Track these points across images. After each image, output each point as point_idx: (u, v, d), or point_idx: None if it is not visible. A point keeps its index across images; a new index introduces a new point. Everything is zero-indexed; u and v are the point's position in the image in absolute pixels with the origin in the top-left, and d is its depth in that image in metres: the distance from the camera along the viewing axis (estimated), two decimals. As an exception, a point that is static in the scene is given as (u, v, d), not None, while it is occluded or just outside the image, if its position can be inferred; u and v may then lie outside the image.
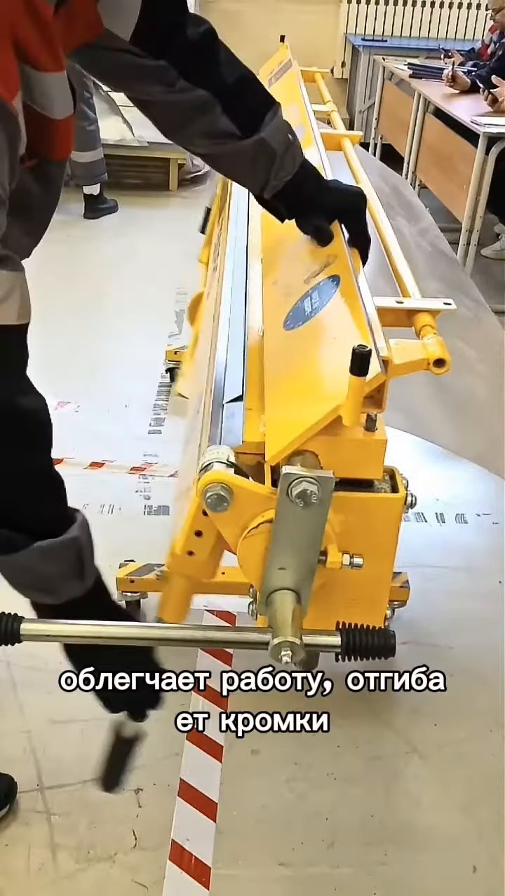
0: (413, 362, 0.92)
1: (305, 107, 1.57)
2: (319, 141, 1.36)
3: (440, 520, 2.79)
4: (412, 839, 1.82)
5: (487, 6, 5.92)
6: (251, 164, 1.25)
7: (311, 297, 1.00)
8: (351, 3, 6.84)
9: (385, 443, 0.89)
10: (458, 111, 4.48)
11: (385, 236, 1.29)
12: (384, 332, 0.95)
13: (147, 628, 1.08)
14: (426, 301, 1.08)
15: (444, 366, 0.92)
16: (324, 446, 0.88)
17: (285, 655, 0.90)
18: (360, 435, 0.89)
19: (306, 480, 0.85)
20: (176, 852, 1.75)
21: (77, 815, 1.80)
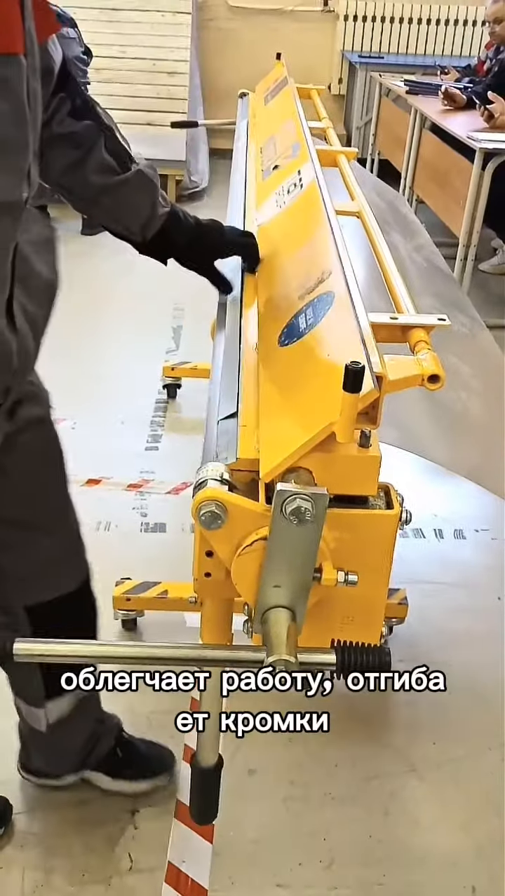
0: (407, 378, 0.92)
1: (301, 123, 1.57)
2: (314, 157, 1.36)
3: (438, 536, 2.78)
4: (411, 859, 1.80)
5: (482, 22, 5.95)
6: (136, 196, 1.33)
7: (305, 313, 1.00)
8: (347, 20, 6.87)
9: (379, 459, 0.89)
10: (454, 127, 4.50)
11: (380, 252, 1.29)
12: (378, 347, 0.95)
13: (139, 647, 1.06)
14: (420, 317, 1.08)
15: (438, 382, 0.92)
16: (318, 463, 0.87)
17: (280, 673, 0.88)
18: (354, 451, 0.88)
19: (300, 497, 0.84)
20: (172, 874, 1.73)
21: (72, 837, 1.78)
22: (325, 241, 1.13)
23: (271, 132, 1.71)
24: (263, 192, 1.42)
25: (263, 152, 1.63)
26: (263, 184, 1.46)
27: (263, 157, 1.61)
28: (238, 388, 1.07)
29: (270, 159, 1.53)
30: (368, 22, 6.90)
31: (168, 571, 2.22)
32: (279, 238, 1.25)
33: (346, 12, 6.85)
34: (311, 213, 1.21)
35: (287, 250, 1.21)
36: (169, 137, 5.22)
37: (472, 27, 6.95)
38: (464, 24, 6.96)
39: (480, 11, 6.57)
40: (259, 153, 1.65)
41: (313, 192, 1.23)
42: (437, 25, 6.96)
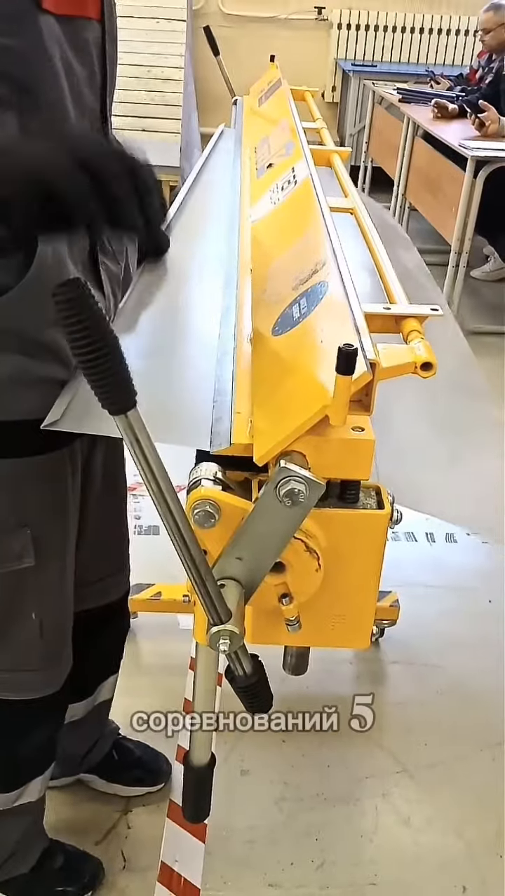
0: (400, 366, 0.92)
1: (295, 123, 1.58)
2: (308, 155, 1.37)
3: (430, 539, 2.79)
4: (402, 859, 1.81)
5: (474, 32, 5.99)
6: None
7: (299, 303, 1.00)
8: (341, 28, 6.90)
9: (373, 443, 0.89)
10: (446, 135, 4.53)
11: (372, 243, 1.30)
12: (372, 336, 0.96)
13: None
14: (414, 307, 1.08)
15: (431, 369, 0.92)
16: (311, 446, 0.88)
17: (223, 644, 0.89)
18: (348, 435, 0.89)
19: (296, 479, 0.85)
20: (165, 874, 1.74)
21: (66, 836, 1.78)
22: (319, 234, 1.14)
23: (265, 132, 1.72)
24: (258, 189, 1.42)
25: (257, 151, 1.64)
26: (257, 182, 1.47)
27: (256, 156, 1.62)
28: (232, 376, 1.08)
29: (264, 158, 1.54)
30: (361, 31, 6.93)
31: (161, 573, 2.22)
32: (274, 233, 1.25)
33: (339, 21, 6.88)
34: (305, 208, 1.22)
35: (281, 244, 1.21)
36: (163, 143, 5.23)
37: (464, 36, 6.99)
38: (456, 34, 6.99)
39: (472, 21, 6.63)
40: (253, 152, 1.67)
41: (307, 189, 1.24)
42: (430, 34, 6.99)
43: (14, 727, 1.41)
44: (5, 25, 0.92)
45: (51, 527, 1.24)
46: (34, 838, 1.62)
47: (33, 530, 1.20)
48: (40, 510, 1.21)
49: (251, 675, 0.94)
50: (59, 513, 1.25)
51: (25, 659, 1.32)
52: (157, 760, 1.90)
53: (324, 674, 2.21)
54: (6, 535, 1.19)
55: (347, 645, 1.26)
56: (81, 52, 1.02)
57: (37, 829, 1.62)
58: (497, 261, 5.11)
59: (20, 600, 1.26)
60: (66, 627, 1.37)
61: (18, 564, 1.21)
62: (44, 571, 1.25)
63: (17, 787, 1.47)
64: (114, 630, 1.68)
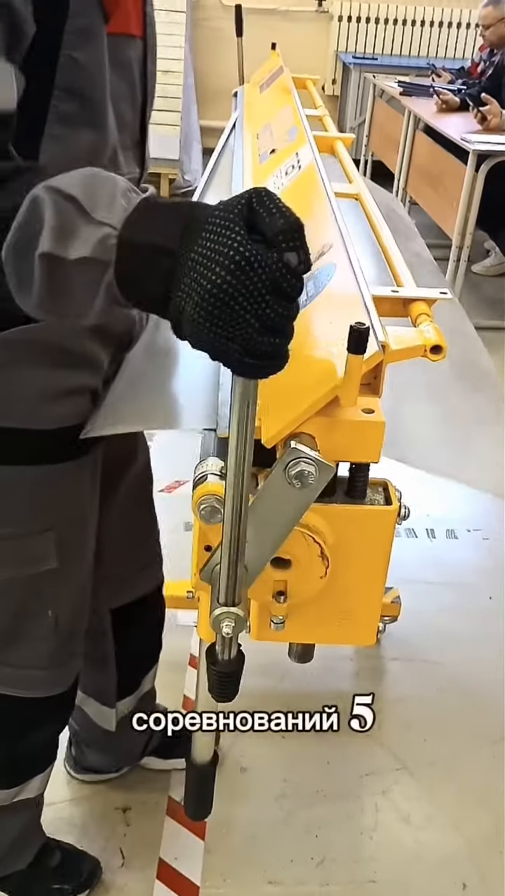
0: (410, 348, 0.91)
1: (298, 109, 1.56)
2: (311, 140, 1.35)
3: (431, 535, 2.78)
4: (402, 856, 1.80)
5: (476, 25, 5.97)
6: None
7: (306, 286, 0.99)
8: (342, 21, 6.87)
9: (383, 425, 0.87)
10: (448, 129, 4.50)
11: (376, 226, 1.28)
12: (381, 320, 0.94)
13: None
14: (422, 290, 1.07)
15: (440, 352, 0.91)
16: (321, 428, 0.86)
17: (227, 626, 0.88)
18: (358, 416, 0.87)
19: (306, 461, 0.83)
20: (164, 871, 1.73)
21: (64, 834, 1.77)
22: (325, 217, 1.13)
23: (267, 119, 1.70)
24: (260, 175, 1.41)
25: (260, 138, 1.62)
26: (260, 167, 1.45)
27: (259, 142, 1.60)
28: None
29: (267, 144, 1.53)
30: (362, 23, 6.90)
31: (161, 568, 2.22)
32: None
33: (340, 13, 6.84)
34: (310, 192, 1.20)
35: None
36: (162, 136, 5.21)
37: (465, 29, 6.95)
38: (458, 27, 6.96)
39: (473, 14, 6.59)
40: (255, 139, 1.65)
41: (312, 173, 1.22)
42: (431, 27, 6.96)
43: (19, 724, 1.42)
44: (79, 39, 0.94)
45: (73, 530, 1.27)
46: (31, 835, 1.62)
47: (57, 534, 1.22)
48: (64, 514, 1.24)
49: (233, 663, 0.93)
50: (81, 516, 1.28)
51: (36, 656, 1.33)
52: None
53: (324, 670, 2.20)
54: (32, 538, 1.21)
55: (353, 641, 1.25)
56: (122, 68, 1.05)
57: (34, 826, 1.61)
58: (498, 255, 5.10)
59: (39, 600, 1.28)
60: (79, 628, 1.39)
61: (42, 567, 1.23)
62: (64, 573, 1.27)
63: (17, 783, 1.47)
64: (151, 621, 1.71)
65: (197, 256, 0.68)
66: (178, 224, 0.72)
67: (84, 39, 0.94)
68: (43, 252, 0.75)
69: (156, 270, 0.72)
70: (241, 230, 0.68)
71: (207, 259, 0.68)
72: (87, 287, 0.76)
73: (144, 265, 0.73)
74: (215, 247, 0.67)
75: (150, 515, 1.60)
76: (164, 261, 0.71)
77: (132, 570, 1.58)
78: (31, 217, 0.75)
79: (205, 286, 0.67)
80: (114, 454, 1.37)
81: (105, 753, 1.85)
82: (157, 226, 0.74)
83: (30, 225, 0.75)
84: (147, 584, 1.63)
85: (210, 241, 0.68)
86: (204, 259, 0.68)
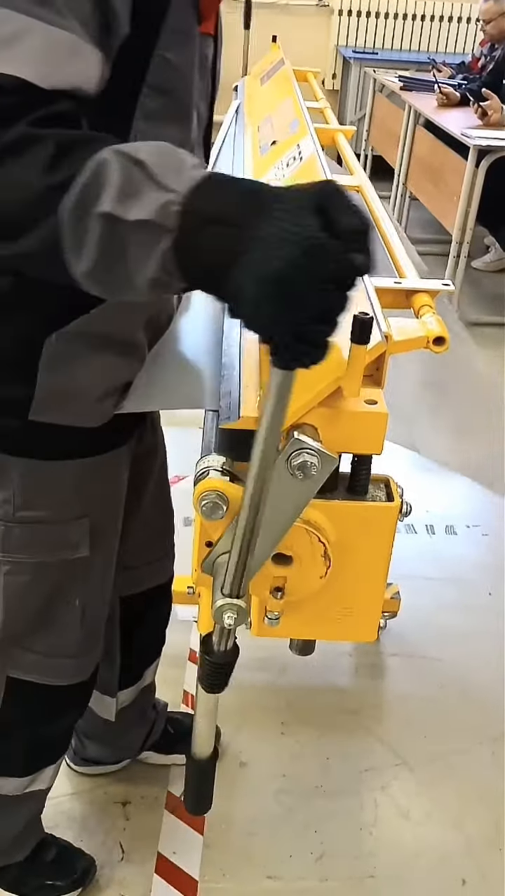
0: (413, 340, 0.90)
1: (299, 101, 1.55)
2: (313, 132, 1.35)
3: (430, 531, 2.78)
4: (402, 852, 1.80)
5: (477, 20, 5.95)
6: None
7: None
8: (342, 15, 6.85)
9: (386, 416, 0.87)
10: (448, 124, 4.50)
11: (378, 217, 1.28)
12: (383, 312, 0.94)
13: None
14: (425, 281, 1.07)
15: (443, 344, 0.91)
16: (323, 419, 0.86)
17: (229, 618, 0.87)
18: (360, 407, 0.87)
19: (308, 452, 0.83)
20: (163, 865, 1.73)
21: (64, 828, 1.77)
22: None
23: (268, 111, 1.70)
24: (261, 166, 1.40)
25: (260, 130, 1.62)
26: (260, 159, 1.45)
27: (260, 134, 1.60)
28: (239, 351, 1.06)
29: (268, 136, 1.52)
30: (362, 17, 6.88)
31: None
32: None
33: (340, 7, 6.83)
34: (312, 182, 1.20)
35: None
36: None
37: (466, 24, 6.94)
38: (459, 21, 6.95)
39: (474, 8, 6.57)
40: (256, 131, 1.64)
41: (313, 164, 1.22)
42: (431, 21, 6.94)
43: (44, 712, 1.43)
44: (174, 40, 0.96)
45: (106, 519, 1.30)
46: (33, 828, 1.63)
47: (91, 521, 1.25)
48: (99, 503, 1.27)
49: (228, 654, 0.93)
50: (115, 506, 1.32)
51: (64, 645, 1.36)
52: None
53: (323, 666, 2.20)
54: (68, 524, 1.24)
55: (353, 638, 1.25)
56: (203, 66, 1.06)
57: (36, 819, 1.62)
58: (498, 251, 5.09)
59: (68, 588, 1.31)
60: (102, 617, 1.42)
61: (75, 553, 1.26)
62: (94, 562, 1.30)
63: (33, 772, 1.49)
64: (158, 614, 1.72)
65: (267, 235, 0.67)
66: (245, 199, 0.71)
67: (179, 40, 0.97)
68: (103, 211, 0.73)
69: (218, 242, 0.70)
70: (314, 217, 0.68)
71: (279, 238, 0.67)
72: (142, 252, 0.74)
73: (206, 236, 0.71)
74: (288, 227, 0.67)
75: (169, 509, 1.62)
76: (228, 233, 0.70)
77: (147, 561, 1.59)
78: (96, 178, 0.74)
79: (273, 264, 0.66)
80: (143, 449, 1.40)
81: (105, 745, 1.86)
82: (222, 198, 0.73)
83: (94, 185, 0.74)
84: (159, 576, 1.64)
85: (284, 220, 0.67)
86: (275, 238, 0.67)
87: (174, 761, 1.90)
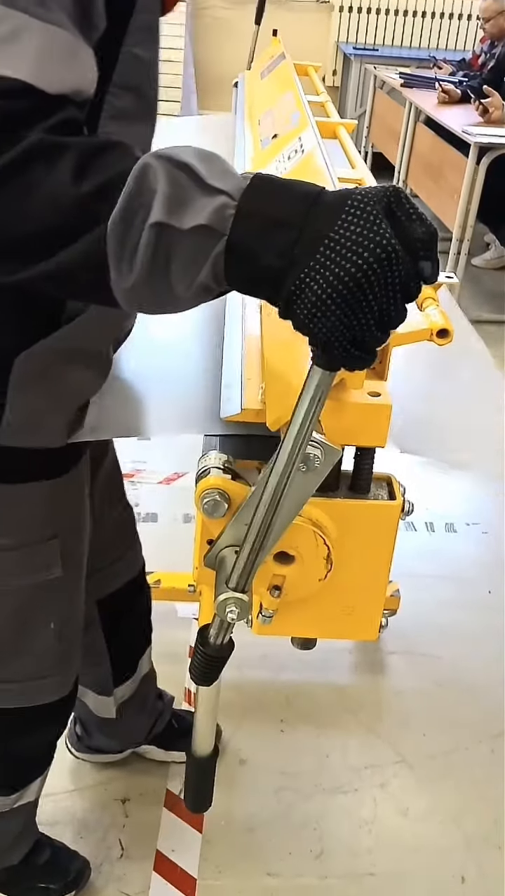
0: (416, 332, 0.90)
1: (300, 94, 1.55)
2: (314, 125, 1.34)
3: (430, 529, 2.78)
4: (401, 849, 1.80)
5: (477, 17, 5.94)
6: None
7: None
8: (343, 11, 6.84)
9: (390, 408, 0.86)
10: (449, 121, 4.49)
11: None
12: None
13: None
14: None
15: (447, 336, 0.90)
16: (327, 411, 0.85)
17: (231, 612, 0.87)
18: (364, 399, 0.86)
19: (311, 444, 0.83)
20: (162, 863, 1.73)
21: (63, 825, 1.77)
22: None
23: (269, 105, 1.69)
24: (262, 160, 1.39)
25: (261, 124, 1.61)
26: (261, 152, 1.44)
27: (260, 128, 1.59)
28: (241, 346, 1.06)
29: (269, 129, 1.52)
30: (363, 13, 6.87)
31: (160, 561, 2.20)
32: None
33: (341, 4, 6.82)
34: (313, 177, 1.19)
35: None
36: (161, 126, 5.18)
37: (466, 21, 6.93)
38: (459, 18, 6.94)
39: (475, 5, 6.56)
40: (257, 125, 1.64)
41: (315, 157, 1.21)
42: (432, 18, 6.93)
43: (21, 731, 1.41)
44: (142, 36, 0.92)
45: (75, 536, 1.27)
46: (27, 832, 1.61)
47: (62, 541, 1.23)
48: (67, 522, 1.24)
49: (222, 649, 0.93)
50: (81, 520, 1.29)
51: (40, 668, 1.33)
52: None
53: (322, 663, 2.20)
54: (39, 546, 1.21)
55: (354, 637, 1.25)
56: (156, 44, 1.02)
57: (30, 823, 1.61)
58: (498, 248, 5.08)
59: (40, 611, 1.28)
60: (79, 630, 1.39)
61: (48, 575, 1.23)
62: (67, 581, 1.27)
63: (19, 789, 1.47)
64: (138, 606, 1.71)
65: (338, 237, 0.66)
66: (301, 200, 0.70)
67: (147, 36, 0.93)
68: (155, 221, 0.70)
69: (274, 244, 0.69)
70: (387, 223, 0.67)
71: (352, 242, 0.66)
72: (195, 259, 0.71)
73: (261, 237, 0.69)
74: (363, 231, 0.66)
75: (122, 504, 1.59)
76: (285, 235, 0.68)
77: (113, 559, 1.58)
78: (141, 186, 0.70)
79: (345, 267, 0.66)
80: (94, 453, 1.37)
81: (110, 736, 1.85)
82: (278, 199, 0.70)
83: (140, 194, 0.70)
84: (128, 572, 1.63)
85: (355, 224, 0.66)
86: (347, 241, 0.66)
87: (175, 759, 1.90)
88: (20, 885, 1.63)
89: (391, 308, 0.68)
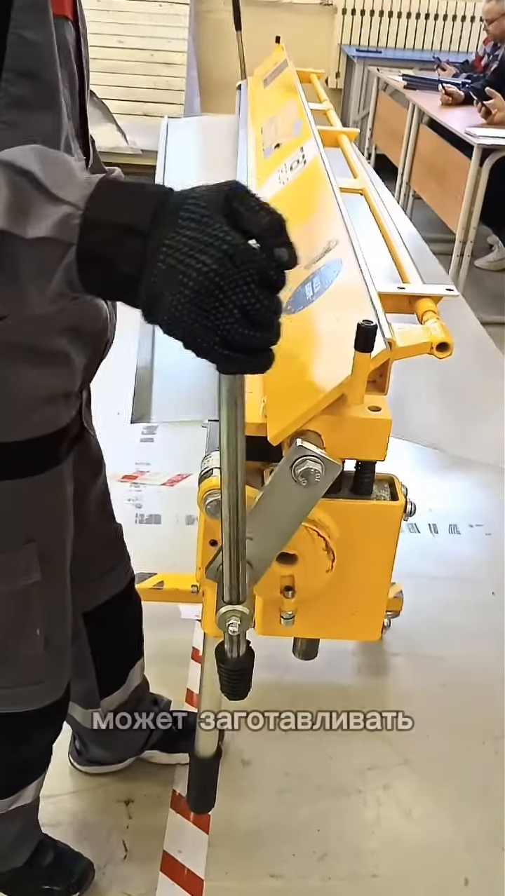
0: (416, 346, 0.90)
1: (302, 103, 1.55)
2: (316, 135, 1.35)
3: (433, 530, 2.78)
4: (404, 851, 1.80)
5: (480, 18, 5.94)
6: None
7: (312, 281, 0.99)
8: (346, 14, 6.85)
9: (390, 423, 0.87)
10: (452, 123, 4.49)
11: (381, 221, 1.27)
12: (387, 317, 0.94)
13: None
14: (428, 287, 1.06)
15: (447, 349, 0.91)
16: (327, 425, 0.86)
17: (233, 625, 0.87)
18: (364, 414, 0.87)
19: (313, 459, 0.83)
20: (168, 864, 1.73)
21: (67, 826, 1.78)
22: (330, 212, 1.12)
23: (272, 113, 1.69)
24: (265, 170, 1.40)
25: (264, 132, 1.62)
26: (264, 162, 1.45)
27: (263, 137, 1.60)
28: None
29: (271, 139, 1.52)
30: (366, 16, 6.88)
31: (163, 562, 2.21)
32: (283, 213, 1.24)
33: (344, 6, 6.82)
34: (315, 187, 1.19)
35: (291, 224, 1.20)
36: (166, 129, 5.20)
37: (469, 23, 6.93)
38: (462, 20, 6.94)
39: (478, 7, 6.56)
40: (259, 133, 1.64)
41: (317, 167, 1.22)
42: (435, 20, 6.94)
43: (15, 736, 1.41)
44: (29, 16, 0.87)
45: (54, 540, 1.26)
46: (29, 834, 1.61)
47: (39, 545, 1.22)
48: (45, 524, 1.23)
49: (242, 660, 0.93)
50: (61, 526, 1.28)
51: (29, 674, 1.33)
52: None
53: (326, 665, 2.20)
54: (15, 551, 1.20)
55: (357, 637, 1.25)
56: (62, 51, 0.96)
57: (31, 824, 1.61)
58: (501, 250, 5.08)
59: (26, 617, 1.28)
60: (67, 636, 1.39)
61: (27, 580, 1.22)
62: (49, 585, 1.26)
63: (13, 792, 1.47)
64: (126, 618, 1.70)
65: (177, 242, 0.66)
66: (148, 205, 0.69)
67: (34, 17, 0.88)
68: None
69: (126, 252, 0.68)
70: (224, 221, 0.66)
71: (191, 246, 0.66)
72: (43, 269, 0.71)
73: (112, 246, 0.69)
74: (200, 234, 0.66)
75: (112, 521, 1.59)
76: (135, 242, 0.68)
77: (101, 572, 1.57)
78: None
79: (189, 273, 0.65)
80: (86, 466, 1.38)
81: (106, 748, 1.85)
82: (124, 206, 0.70)
83: None
84: (115, 585, 1.62)
85: (192, 227, 0.66)
86: (186, 246, 0.66)
87: (178, 760, 1.89)
88: (24, 887, 1.63)
89: (254, 303, 0.66)
